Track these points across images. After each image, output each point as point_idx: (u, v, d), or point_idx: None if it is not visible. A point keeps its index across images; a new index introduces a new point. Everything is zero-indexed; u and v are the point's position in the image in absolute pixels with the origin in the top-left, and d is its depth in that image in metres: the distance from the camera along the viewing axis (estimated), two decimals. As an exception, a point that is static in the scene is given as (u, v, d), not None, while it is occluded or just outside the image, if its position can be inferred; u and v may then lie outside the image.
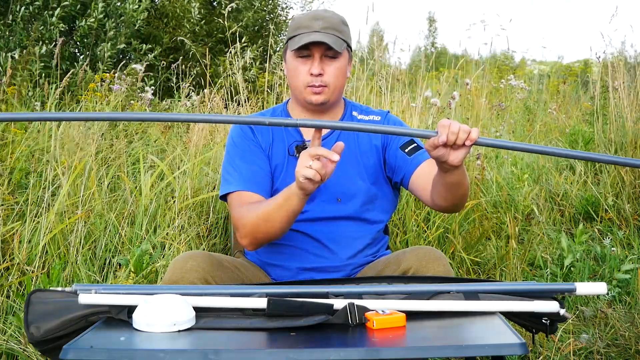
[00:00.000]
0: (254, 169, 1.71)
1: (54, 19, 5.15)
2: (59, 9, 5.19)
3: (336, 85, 1.71)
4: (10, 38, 5.03)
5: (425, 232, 2.89)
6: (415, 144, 1.74)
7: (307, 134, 1.77)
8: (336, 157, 1.40)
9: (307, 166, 1.41)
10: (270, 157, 1.75)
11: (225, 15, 4.08)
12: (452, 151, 1.38)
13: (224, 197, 1.73)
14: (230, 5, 4.18)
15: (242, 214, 1.63)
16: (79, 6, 5.66)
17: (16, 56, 3.75)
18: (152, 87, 4.66)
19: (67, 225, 2.42)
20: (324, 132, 1.76)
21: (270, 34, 4.59)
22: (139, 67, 4.34)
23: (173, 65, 4.96)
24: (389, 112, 1.85)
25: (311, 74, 1.67)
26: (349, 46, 1.73)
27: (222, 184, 1.74)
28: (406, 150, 1.72)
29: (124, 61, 5.62)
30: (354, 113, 1.82)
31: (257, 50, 5.39)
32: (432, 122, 3.58)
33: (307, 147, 1.69)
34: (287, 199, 1.52)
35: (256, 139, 1.76)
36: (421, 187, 1.70)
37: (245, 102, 3.79)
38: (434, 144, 1.38)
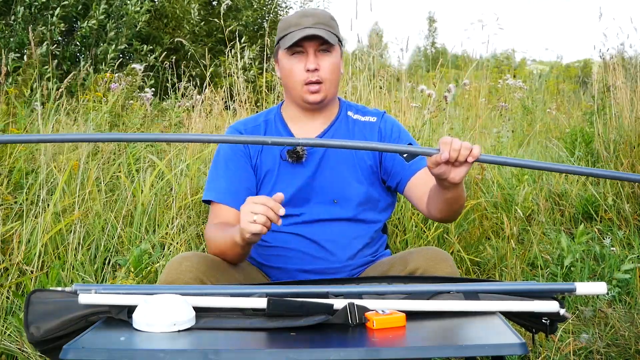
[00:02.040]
0: (233, 182, 1.72)
1: (54, 18, 5.15)
2: (58, 8, 5.20)
3: (332, 80, 1.71)
4: (11, 39, 5.03)
5: (425, 232, 2.89)
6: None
7: (299, 136, 1.76)
8: (282, 211, 1.39)
9: (252, 221, 1.39)
10: (260, 163, 1.75)
11: (221, 13, 4.07)
12: (454, 168, 1.39)
13: (206, 201, 1.76)
14: (225, 3, 4.17)
15: (210, 234, 1.65)
16: (80, 7, 5.67)
17: (12, 56, 3.75)
18: (152, 88, 4.66)
19: (65, 225, 2.41)
20: (315, 134, 1.77)
21: (266, 33, 4.58)
22: (139, 67, 4.35)
23: (171, 65, 4.96)
24: (385, 112, 1.84)
25: (307, 70, 1.67)
26: (340, 41, 1.73)
27: (205, 188, 1.77)
28: (404, 155, 1.72)
29: (125, 62, 5.62)
30: (349, 113, 1.81)
31: (257, 50, 5.39)
32: (428, 118, 3.58)
33: (298, 151, 1.70)
34: (234, 245, 1.52)
35: (245, 147, 1.75)
36: (417, 196, 1.71)
37: (245, 102, 3.79)
38: (436, 161, 1.39)
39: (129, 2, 5.79)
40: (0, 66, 3.31)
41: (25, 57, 3.92)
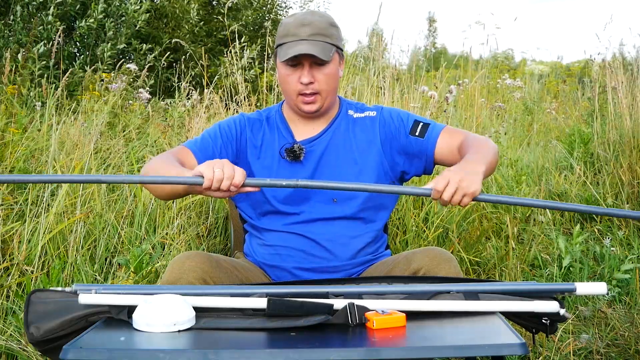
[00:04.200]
0: (211, 146, 1.74)
1: (50, 17, 5.15)
2: (52, 7, 5.19)
3: (328, 90, 1.71)
4: (10, 38, 5.03)
5: (425, 232, 2.89)
6: (421, 123, 1.75)
7: (299, 135, 1.77)
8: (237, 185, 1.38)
9: (217, 171, 1.37)
10: (259, 159, 1.76)
11: (225, 13, 4.08)
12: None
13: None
14: (230, 1, 4.17)
15: (161, 155, 1.67)
16: (78, 6, 5.66)
17: (8, 55, 3.74)
18: (151, 87, 4.66)
19: (66, 226, 2.42)
20: (314, 133, 1.77)
21: (268, 32, 4.58)
22: (133, 67, 4.35)
23: (175, 65, 4.97)
24: (383, 106, 1.84)
25: (302, 83, 1.67)
26: (338, 48, 1.71)
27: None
28: (417, 134, 1.73)
29: (124, 61, 5.61)
30: (350, 112, 1.82)
31: (257, 50, 5.39)
32: (429, 116, 3.58)
33: (295, 149, 1.70)
34: (182, 174, 1.48)
35: (241, 137, 1.77)
36: (449, 160, 1.71)
37: (245, 101, 3.79)
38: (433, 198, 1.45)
39: (128, 1, 5.79)
40: (5, 65, 3.30)
41: (13, 55, 3.90)
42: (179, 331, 1.14)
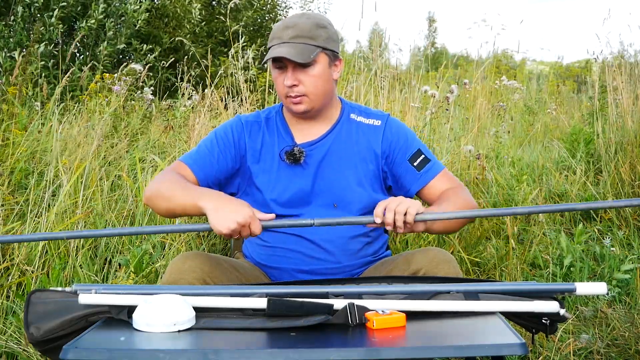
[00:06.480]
0: (208, 157, 1.73)
1: (52, 19, 5.15)
2: (57, 9, 5.20)
3: (317, 93, 1.68)
4: (11, 39, 5.03)
5: (425, 232, 2.88)
6: (423, 156, 1.73)
7: (299, 138, 1.76)
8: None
9: (230, 223, 1.43)
10: (259, 162, 1.75)
11: (226, 13, 4.10)
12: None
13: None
14: (232, 2, 4.18)
15: (164, 175, 1.66)
16: (79, 7, 5.67)
17: (15, 56, 3.74)
18: (152, 88, 4.66)
19: (67, 225, 2.42)
20: (317, 136, 1.76)
21: (266, 33, 4.60)
22: (139, 67, 4.34)
23: (178, 65, 4.96)
24: (389, 115, 1.82)
25: (286, 86, 1.67)
26: (326, 49, 1.68)
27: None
28: (415, 164, 1.72)
29: (124, 61, 5.61)
30: (352, 116, 1.80)
31: (257, 50, 5.39)
32: (429, 119, 3.58)
33: (295, 152, 1.70)
34: (191, 207, 1.52)
35: (239, 143, 1.76)
36: (427, 199, 1.74)
37: (245, 101, 3.79)
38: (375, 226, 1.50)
39: (127, 1, 5.79)
40: (6, 67, 3.31)
41: (16, 56, 3.90)
42: (179, 331, 1.14)
